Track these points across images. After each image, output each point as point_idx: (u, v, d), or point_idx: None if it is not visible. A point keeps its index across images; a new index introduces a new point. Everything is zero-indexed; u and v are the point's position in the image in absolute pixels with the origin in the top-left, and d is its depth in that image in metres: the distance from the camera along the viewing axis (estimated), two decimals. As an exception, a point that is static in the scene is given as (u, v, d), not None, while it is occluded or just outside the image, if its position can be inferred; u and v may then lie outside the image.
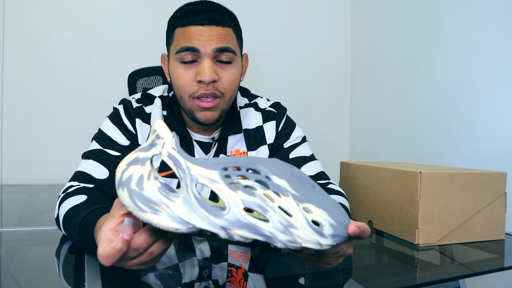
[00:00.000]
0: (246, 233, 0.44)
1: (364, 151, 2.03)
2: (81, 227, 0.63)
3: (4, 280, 0.60)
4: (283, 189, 0.47)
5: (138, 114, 0.89)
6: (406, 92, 1.72)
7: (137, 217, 0.44)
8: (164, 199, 0.44)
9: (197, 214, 0.43)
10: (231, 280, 0.62)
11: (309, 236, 0.45)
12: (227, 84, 0.85)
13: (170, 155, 0.47)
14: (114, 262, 0.46)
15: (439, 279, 0.68)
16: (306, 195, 0.47)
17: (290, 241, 0.45)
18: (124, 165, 0.46)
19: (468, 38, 1.40)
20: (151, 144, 0.47)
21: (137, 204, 0.43)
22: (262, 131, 0.95)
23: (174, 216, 0.43)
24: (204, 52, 0.81)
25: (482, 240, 0.90)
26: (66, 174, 1.08)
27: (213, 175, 0.46)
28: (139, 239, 0.47)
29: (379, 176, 0.97)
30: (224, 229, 0.44)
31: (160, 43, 1.78)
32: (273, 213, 0.45)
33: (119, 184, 0.44)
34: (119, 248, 0.45)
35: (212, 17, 0.82)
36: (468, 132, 1.39)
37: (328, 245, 0.46)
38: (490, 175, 0.90)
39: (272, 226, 0.44)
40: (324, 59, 2.11)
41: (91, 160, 0.81)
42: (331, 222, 0.46)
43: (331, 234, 0.46)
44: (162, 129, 0.48)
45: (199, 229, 0.43)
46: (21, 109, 1.64)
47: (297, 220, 0.45)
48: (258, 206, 0.45)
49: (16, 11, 1.62)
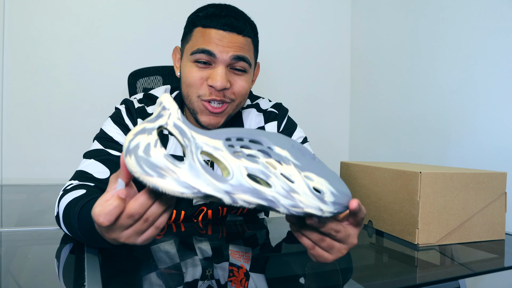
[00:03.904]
0: (249, 198, 0.45)
1: (364, 151, 2.03)
2: (81, 215, 0.64)
3: (4, 280, 0.60)
4: (285, 158, 0.49)
5: (140, 115, 0.88)
6: (406, 92, 1.72)
7: (144, 182, 0.44)
8: (170, 165, 0.45)
9: (202, 179, 0.44)
10: (233, 279, 0.62)
11: (311, 202, 0.47)
12: (238, 90, 0.84)
13: (176, 125, 0.48)
14: (112, 220, 0.47)
15: (439, 279, 0.68)
16: (307, 165, 0.50)
17: (292, 206, 0.46)
18: (131, 135, 0.47)
19: (468, 38, 1.40)
20: (158, 115, 0.49)
21: (144, 169, 0.44)
22: None
23: (180, 181, 0.44)
24: (221, 58, 0.81)
25: (482, 240, 0.90)
26: (66, 174, 1.08)
27: (217, 143, 0.48)
28: (134, 204, 0.48)
29: (379, 176, 0.98)
30: (228, 194, 0.45)
31: (160, 43, 1.78)
32: (276, 179, 0.47)
33: (126, 152, 0.45)
34: (116, 204, 0.46)
35: (235, 24, 0.81)
36: (468, 132, 1.39)
37: (330, 211, 0.48)
38: (490, 175, 0.90)
39: (274, 191, 0.46)
40: (324, 59, 2.11)
41: (92, 159, 0.81)
42: (332, 190, 0.48)
43: (332, 202, 0.48)
44: (168, 102, 0.49)
45: (204, 193, 0.44)
46: (21, 109, 1.64)
47: (299, 186, 0.47)
48: (261, 172, 0.47)
49: (16, 11, 1.62)
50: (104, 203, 0.48)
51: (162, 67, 1.43)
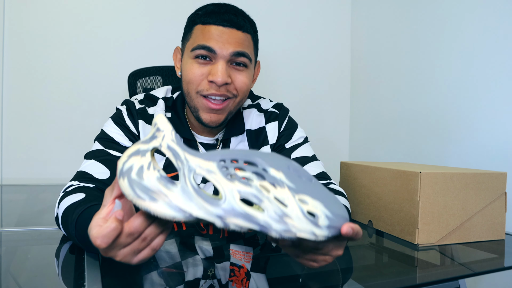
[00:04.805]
0: (241, 222, 0.45)
1: (364, 151, 2.03)
2: (78, 223, 0.64)
3: (4, 280, 0.60)
4: (279, 181, 0.48)
5: (141, 116, 0.88)
6: (406, 92, 1.72)
7: (137, 205, 0.45)
8: (162, 188, 0.45)
9: (194, 203, 0.45)
10: (234, 279, 0.62)
11: (304, 226, 0.46)
12: (239, 86, 0.85)
13: (169, 147, 0.48)
14: (109, 242, 0.47)
15: (439, 279, 0.68)
16: (302, 187, 0.48)
17: (284, 231, 0.45)
18: (126, 157, 0.47)
19: (468, 38, 1.40)
20: (152, 136, 0.49)
21: (136, 192, 0.45)
22: (264, 132, 0.95)
23: (172, 205, 0.44)
24: (221, 53, 0.81)
25: (482, 240, 0.90)
26: (66, 174, 1.08)
27: (210, 166, 0.47)
28: (134, 222, 0.48)
29: (379, 176, 0.98)
30: (220, 218, 0.44)
31: (160, 43, 1.78)
32: (268, 203, 0.46)
33: (120, 174, 0.46)
34: (114, 226, 0.46)
35: (234, 20, 0.82)
36: (468, 132, 1.39)
37: (324, 236, 0.46)
38: (490, 175, 0.90)
39: (267, 216, 0.45)
40: (324, 59, 2.11)
41: (92, 160, 0.81)
42: (327, 213, 0.47)
43: (327, 225, 0.47)
44: (162, 123, 0.50)
45: (195, 217, 0.44)
46: (21, 109, 1.64)
47: (292, 210, 0.46)
48: (254, 196, 0.46)
49: (16, 11, 1.62)
50: (101, 223, 0.48)
51: (162, 67, 1.43)
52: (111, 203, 0.50)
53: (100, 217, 0.49)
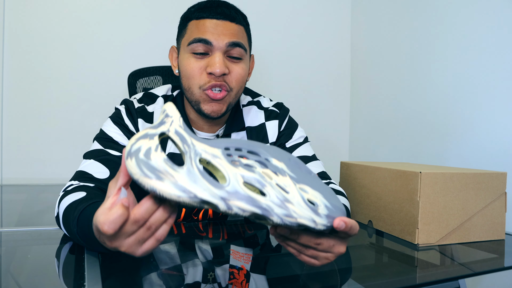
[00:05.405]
0: (244, 205, 0.46)
1: (364, 151, 2.03)
2: (80, 220, 0.63)
3: (4, 280, 0.60)
4: (281, 170, 0.50)
5: (140, 114, 0.89)
6: (406, 92, 1.72)
7: (142, 184, 0.45)
8: (169, 169, 0.46)
9: (199, 185, 0.45)
10: (233, 282, 0.62)
11: (305, 213, 0.48)
12: (236, 78, 0.86)
13: (177, 132, 0.50)
14: (116, 228, 0.47)
15: (439, 279, 0.68)
16: (303, 178, 0.51)
17: (286, 215, 0.47)
18: (134, 139, 0.48)
19: (468, 38, 1.40)
20: (160, 122, 0.51)
21: (143, 171, 0.45)
22: (264, 129, 0.96)
23: (177, 185, 0.45)
24: (217, 45, 0.83)
25: (482, 240, 0.90)
26: (66, 174, 1.08)
27: (215, 151, 0.50)
28: (140, 209, 0.48)
29: (379, 176, 0.98)
30: (223, 200, 0.45)
31: (160, 43, 1.78)
32: (271, 188, 0.48)
33: (127, 154, 0.47)
34: (121, 212, 0.47)
35: (227, 12, 0.85)
36: (468, 132, 1.39)
37: (323, 224, 0.48)
38: (490, 175, 0.90)
39: (269, 200, 0.47)
40: (324, 59, 2.11)
41: (92, 160, 0.81)
42: (326, 203, 0.49)
43: (326, 215, 0.48)
44: (171, 109, 0.52)
45: (200, 198, 0.45)
46: (21, 109, 1.64)
47: (293, 197, 0.48)
48: (257, 181, 0.48)
49: (16, 11, 1.62)
50: (107, 211, 0.48)
51: (162, 67, 1.43)
52: (117, 193, 0.50)
53: (106, 207, 0.49)
